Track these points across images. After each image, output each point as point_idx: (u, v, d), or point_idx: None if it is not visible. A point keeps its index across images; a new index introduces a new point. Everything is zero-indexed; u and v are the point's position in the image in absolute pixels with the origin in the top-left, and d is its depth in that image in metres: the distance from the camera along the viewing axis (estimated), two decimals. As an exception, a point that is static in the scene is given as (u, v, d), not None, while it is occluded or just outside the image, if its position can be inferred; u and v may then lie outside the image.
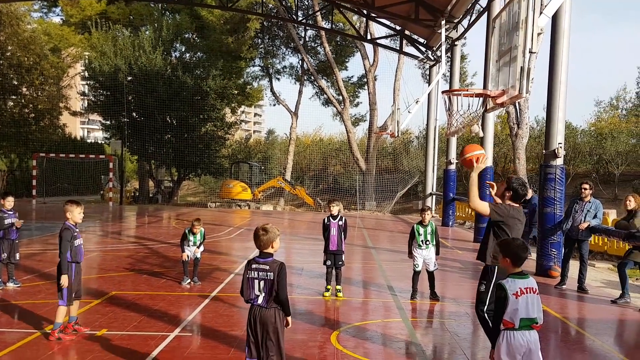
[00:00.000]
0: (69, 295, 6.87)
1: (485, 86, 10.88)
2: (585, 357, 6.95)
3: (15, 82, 35.92)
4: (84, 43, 38.25)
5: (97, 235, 17.23)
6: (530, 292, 4.52)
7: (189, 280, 10.11)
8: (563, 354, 7.03)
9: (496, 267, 5.88)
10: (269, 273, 4.81)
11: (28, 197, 32.22)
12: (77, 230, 7.05)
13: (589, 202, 10.82)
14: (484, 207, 6.05)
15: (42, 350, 6.32)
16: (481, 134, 14.05)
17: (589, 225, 10.66)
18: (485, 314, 5.97)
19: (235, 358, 6.27)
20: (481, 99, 10.01)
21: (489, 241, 6.05)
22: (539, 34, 8.39)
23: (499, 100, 9.31)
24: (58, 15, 42.38)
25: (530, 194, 14.89)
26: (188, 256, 10.15)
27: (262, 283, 4.82)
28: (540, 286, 4.72)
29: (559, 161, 12.27)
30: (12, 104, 37.28)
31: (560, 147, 12.17)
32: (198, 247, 10.23)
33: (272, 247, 4.93)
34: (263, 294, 4.82)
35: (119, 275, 10.89)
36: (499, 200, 6.31)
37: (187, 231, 10.22)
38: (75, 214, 6.99)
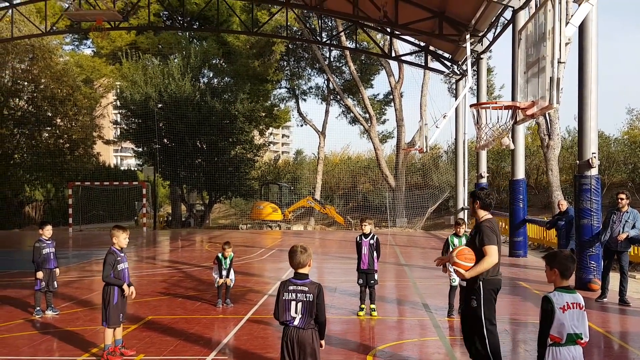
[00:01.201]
0: (115, 317, 7.01)
1: (514, 98, 10.81)
2: (631, 372, 6.73)
3: (50, 114, 36.88)
4: (115, 73, 39.21)
5: (133, 261, 17.44)
6: (576, 308, 4.42)
7: (223, 303, 10.15)
8: (607, 369, 6.83)
9: (480, 281, 6.01)
10: (308, 295, 4.77)
11: (64, 225, 32.88)
12: (123, 254, 7.20)
13: (627, 212, 10.58)
14: (495, 256, 6.06)
15: (81, 377, 6.39)
16: (512, 147, 13.90)
17: (628, 235, 10.41)
18: (486, 331, 5.99)
19: (272, 380, 6.23)
20: (510, 111, 9.92)
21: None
22: (566, 44, 8.31)
23: (528, 112, 9.21)
24: (89, 47, 43.62)
25: (565, 205, 14.64)
26: (221, 280, 10.17)
27: (299, 305, 4.76)
28: (581, 300, 4.60)
29: (594, 171, 12.02)
30: (47, 135, 38.25)
31: (594, 156, 11.93)
32: (228, 276, 10.25)
33: (309, 266, 4.90)
34: (300, 316, 4.76)
35: (154, 299, 10.99)
36: (477, 216, 6.40)
37: (220, 255, 10.26)
38: (121, 239, 7.19)
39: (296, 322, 4.77)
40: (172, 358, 7.10)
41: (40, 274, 9.49)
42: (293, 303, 4.78)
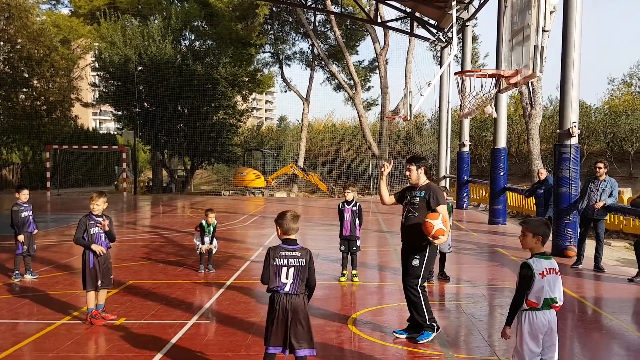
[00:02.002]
0: (91, 281, 6.99)
1: (498, 66, 10.77)
2: (603, 336, 6.91)
3: (26, 75, 36.01)
4: (93, 34, 38.28)
5: (113, 226, 17.32)
6: (553, 273, 4.52)
7: (204, 268, 10.18)
8: (580, 333, 7.01)
9: (429, 244, 6.29)
10: (300, 260, 4.74)
11: (42, 189, 32.52)
12: (100, 220, 7.13)
13: (604, 180, 10.75)
14: (446, 220, 6.31)
15: (61, 341, 6.40)
16: (494, 115, 13.91)
17: (605, 204, 10.58)
18: (420, 288, 6.39)
19: (254, 344, 6.30)
20: (494, 79, 9.91)
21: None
22: (551, 12, 8.27)
23: (512, 80, 9.21)
24: (66, 6, 42.61)
25: (544, 174, 14.81)
26: (204, 247, 10.17)
27: (291, 270, 4.71)
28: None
29: (574, 140, 12.14)
30: (23, 96, 37.42)
31: (575, 126, 12.03)
32: (211, 243, 10.25)
33: (297, 232, 4.86)
34: (292, 281, 4.72)
35: (135, 264, 10.98)
36: (419, 180, 6.63)
37: (203, 222, 10.23)
38: (100, 203, 7.13)
39: (287, 288, 4.71)
40: (154, 322, 7.13)
41: (21, 238, 9.41)
42: (284, 269, 4.71)
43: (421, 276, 6.39)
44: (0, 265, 10.66)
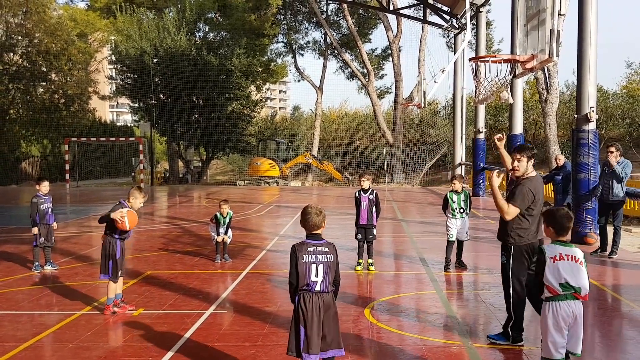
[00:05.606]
0: (118, 270, 7.08)
1: (513, 51, 10.64)
2: (623, 324, 6.85)
3: (45, 69, 36.43)
4: (109, 27, 38.51)
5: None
6: (570, 260, 4.50)
7: (221, 258, 10.24)
8: (601, 321, 6.94)
9: (512, 244, 5.86)
10: (328, 255, 4.51)
11: (62, 181, 32.89)
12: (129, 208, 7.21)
13: (618, 162, 10.52)
14: (510, 215, 5.81)
15: (81, 331, 6.47)
16: (511, 100, 13.76)
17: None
18: (513, 292, 5.88)
19: (271, 333, 6.33)
20: (509, 65, 9.80)
21: (512, 222, 5.84)
22: (568, -5, 8.15)
23: (528, 65, 9.11)
24: (83, 0, 42.74)
25: (562, 160, 14.65)
26: (219, 238, 10.22)
27: (320, 267, 4.46)
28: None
29: (592, 125, 11.97)
30: (42, 90, 37.87)
31: (593, 111, 11.86)
32: (225, 233, 10.28)
33: (323, 227, 4.62)
34: (322, 279, 4.46)
35: (153, 255, 11.07)
36: (519, 169, 5.91)
37: (218, 214, 10.27)
38: (137, 202, 7.33)
39: (318, 287, 4.45)
40: (172, 312, 7.19)
41: (35, 230, 9.53)
42: (314, 266, 4.45)
43: (511, 274, 5.83)
44: (21, 257, 10.81)
